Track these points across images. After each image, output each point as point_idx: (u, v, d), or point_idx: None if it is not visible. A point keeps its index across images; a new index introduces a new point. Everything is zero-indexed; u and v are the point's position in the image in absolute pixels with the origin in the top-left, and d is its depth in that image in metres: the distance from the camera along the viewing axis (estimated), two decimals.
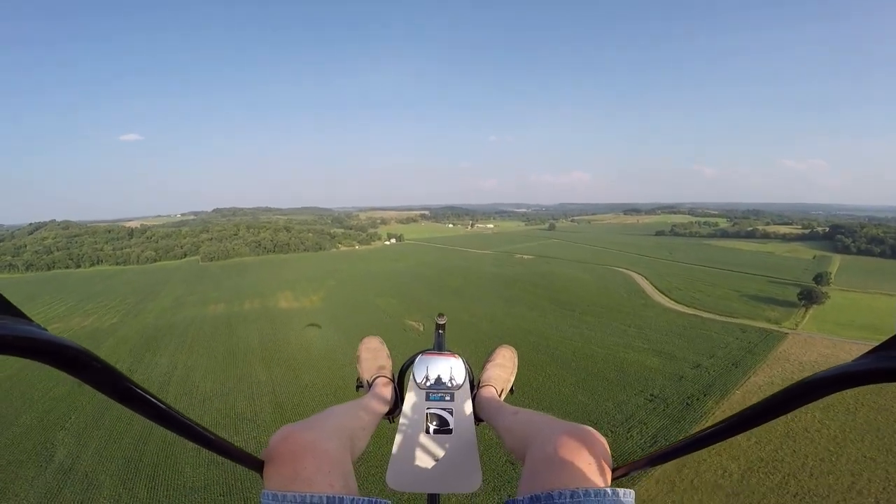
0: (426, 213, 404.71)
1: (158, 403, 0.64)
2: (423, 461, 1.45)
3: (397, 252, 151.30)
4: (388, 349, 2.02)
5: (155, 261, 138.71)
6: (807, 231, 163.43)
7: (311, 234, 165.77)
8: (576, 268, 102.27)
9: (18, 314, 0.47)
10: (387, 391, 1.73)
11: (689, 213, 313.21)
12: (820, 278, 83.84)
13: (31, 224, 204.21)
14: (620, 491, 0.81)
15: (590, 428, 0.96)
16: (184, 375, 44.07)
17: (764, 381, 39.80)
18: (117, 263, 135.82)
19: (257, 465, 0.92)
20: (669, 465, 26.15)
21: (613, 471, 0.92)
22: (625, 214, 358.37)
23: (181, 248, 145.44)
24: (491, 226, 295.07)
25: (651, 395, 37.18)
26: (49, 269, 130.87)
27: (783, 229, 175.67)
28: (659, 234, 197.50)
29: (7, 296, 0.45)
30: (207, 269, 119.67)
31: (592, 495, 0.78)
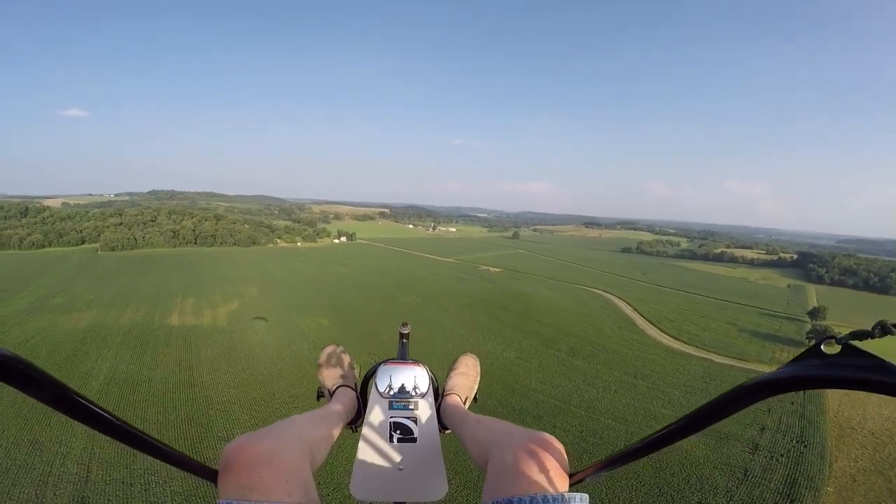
0: (386, 211, 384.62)
1: (108, 416, 0.61)
2: (388, 470, 1.43)
3: (345, 253, 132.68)
4: (351, 356, 1.97)
5: (43, 246, 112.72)
6: (773, 257, 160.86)
7: (245, 226, 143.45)
8: (550, 287, 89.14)
9: None
10: (349, 400, 1.68)
11: (647, 230, 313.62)
12: (816, 313, 76.13)
13: None
14: (576, 496, 0.84)
15: (548, 435, 1.00)
16: None
17: (855, 467, 27.70)
18: None
19: (212, 476, 0.88)
20: None
21: (570, 476, 0.95)
22: (585, 227, 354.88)
23: (79, 232, 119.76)
24: (453, 230, 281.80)
25: None
26: None
27: (749, 254, 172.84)
28: (625, 250, 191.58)
29: None
30: (101, 262, 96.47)
31: (550, 501, 0.81)
